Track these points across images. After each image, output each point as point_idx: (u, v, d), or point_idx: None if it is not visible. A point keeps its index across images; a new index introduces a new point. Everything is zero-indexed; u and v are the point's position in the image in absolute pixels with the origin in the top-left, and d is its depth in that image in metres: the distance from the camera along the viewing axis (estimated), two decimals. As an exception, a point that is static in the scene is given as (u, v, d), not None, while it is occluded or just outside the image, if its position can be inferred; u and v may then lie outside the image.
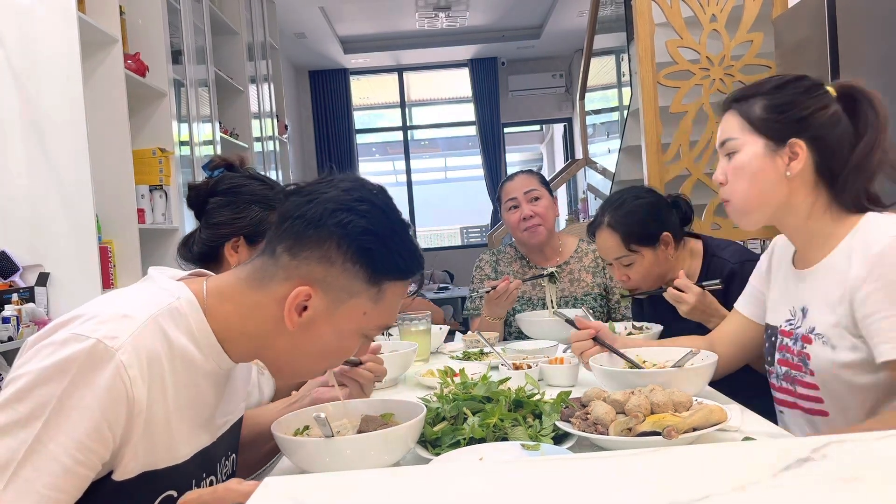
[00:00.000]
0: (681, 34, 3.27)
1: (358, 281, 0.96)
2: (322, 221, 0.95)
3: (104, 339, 0.83)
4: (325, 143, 8.66)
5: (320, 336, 0.98)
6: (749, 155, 1.29)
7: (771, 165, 1.27)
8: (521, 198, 2.36)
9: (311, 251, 0.95)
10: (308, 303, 0.95)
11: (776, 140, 1.27)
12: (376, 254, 0.96)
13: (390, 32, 7.84)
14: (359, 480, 0.92)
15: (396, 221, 0.99)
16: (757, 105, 1.29)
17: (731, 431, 1.18)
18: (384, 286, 0.98)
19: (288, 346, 0.99)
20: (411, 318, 2.02)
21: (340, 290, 0.96)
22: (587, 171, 6.78)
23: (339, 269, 0.95)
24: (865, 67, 2.34)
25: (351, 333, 1.00)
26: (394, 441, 1.09)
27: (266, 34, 5.37)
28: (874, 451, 0.89)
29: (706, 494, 0.76)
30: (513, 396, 1.27)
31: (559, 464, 0.96)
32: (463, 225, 9.68)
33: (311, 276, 0.95)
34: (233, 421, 1.09)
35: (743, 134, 1.30)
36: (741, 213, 1.33)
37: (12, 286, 2.48)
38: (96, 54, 2.84)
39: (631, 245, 1.88)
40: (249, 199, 1.53)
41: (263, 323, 0.97)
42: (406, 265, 0.99)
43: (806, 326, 1.29)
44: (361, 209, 0.96)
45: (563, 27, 7.62)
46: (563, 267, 2.40)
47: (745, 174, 1.29)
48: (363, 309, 0.98)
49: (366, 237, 0.95)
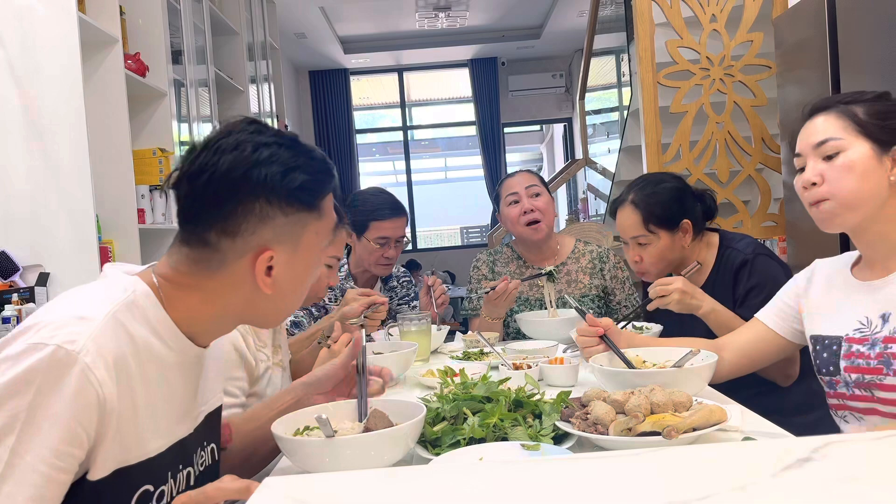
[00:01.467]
0: (681, 34, 3.27)
1: (300, 216, 0.97)
2: (239, 192, 0.92)
3: (63, 344, 0.82)
4: (325, 143, 8.66)
5: (294, 277, 0.99)
6: (858, 154, 1.30)
7: (879, 168, 1.29)
8: (522, 192, 2.36)
9: (246, 223, 0.94)
10: (272, 262, 0.96)
11: (883, 144, 1.29)
12: (303, 185, 0.96)
13: (390, 32, 7.85)
14: (359, 480, 0.92)
15: (290, 142, 0.98)
16: (859, 109, 1.31)
17: (731, 431, 1.18)
18: (320, 203, 1.00)
19: (270, 304, 1.00)
20: (411, 318, 2.02)
21: (292, 233, 0.97)
22: (587, 171, 6.78)
23: (281, 220, 0.95)
24: (865, 67, 2.34)
25: (316, 256, 1.03)
26: (394, 441, 1.09)
27: (266, 34, 5.37)
28: (874, 451, 0.89)
29: (706, 494, 0.76)
30: (513, 396, 1.27)
31: (559, 464, 0.96)
32: (463, 225, 9.69)
33: (262, 240, 0.95)
34: (209, 410, 1.08)
35: (848, 135, 1.31)
36: (842, 211, 1.32)
37: (12, 286, 2.48)
38: (96, 54, 2.85)
39: (650, 225, 1.89)
40: None
41: (237, 300, 0.97)
42: (324, 174, 1.00)
43: (889, 329, 1.29)
44: (264, 157, 0.93)
45: (563, 27, 7.62)
46: (561, 268, 2.40)
47: (855, 173, 1.30)
48: (315, 231, 1.00)
49: (287, 178, 0.94)
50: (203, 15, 3.93)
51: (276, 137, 0.96)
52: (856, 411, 1.35)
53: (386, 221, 2.32)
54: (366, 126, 9.45)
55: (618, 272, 2.39)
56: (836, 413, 1.40)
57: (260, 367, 1.50)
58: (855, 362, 1.32)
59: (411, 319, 2.01)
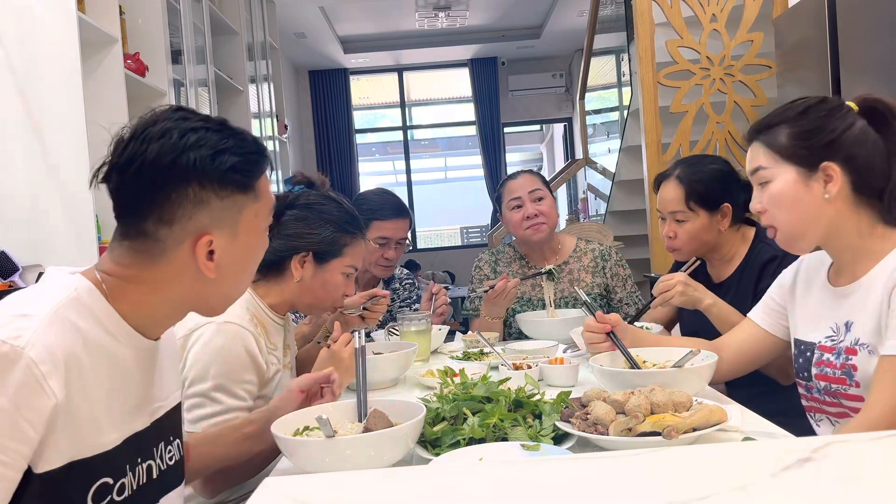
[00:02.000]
0: (681, 34, 3.27)
1: (236, 198, 0.98)
2: (170, 178, 0.93)
3: (7, 340, 0.82)
4: (324, 143, 8.66)
5: (237, 260, 1.00)
6: (783, 184, 1.30)
7: (807, 192, 1.28)
8: (525, 197, 2.34)
9: (182, 209, 0.94)
10: (212, 246, 0.96)
11: (808, 166, 1.27)
12: (234, 167, 0.96)
13: (390, 32, 7.85)
14: (359, 480, 0.92)
15: (218, 126, 0.98)
16: (782, 134, 1.30)
17: (732, 431, 1.18)
18: (255, 184, 1.01)
19: (216, 289, 1.01)
20: (411, 318, 2.02)
21: (230, 216, 0.98)
22: (587, 171, 6.78)
23: (217, 203, 0.96)
24: (865, 67, 2.34)
25: (258, 238, 1.04)
26: (394, 441, 1.09)
27: (266, 34, 5.37)
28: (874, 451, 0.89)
29: (706, 494, 0.76)
30: (513, 396, 1.27)
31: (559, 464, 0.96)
32: (463, 225, 9.69)
33: (200, 225, 0.95)
34: (168, 407, 1.07)
35: (772, 163, 1.31)
36: (790, 240, 1.34)
37: (12, 286, 2.48)
38: (96, 54, 2.84)
39: (690, 202, 1.89)
40: (325, 218, 1.59)
41: (182, 287, 0.97)
42: (256, 155, 1.00)
43: (850, 339, 1.29)
44: (191, 141, 0.94)
45: (563, 27, 7.62)
46: (563, 267, 2.40)
47: (784, 203, 1.30)
48: (254, 213, 1.01)
49: (217, 161, 0.94)
50: (203, 15, 3.93)
51: (204, 122, 0.97)
52: (830, 415, 1.35)
53: (387, 221, 2.30)
54: (365, 126, 9.45)
55: (619, 270, 2.39)
56: (811, 416, 1.41)
57: (271, 370, 1.49)
58: (823, 370, 1.32)
59: (411, 320, 2.01)
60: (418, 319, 2.01)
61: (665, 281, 1.77)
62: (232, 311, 1.41)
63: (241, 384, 1.40)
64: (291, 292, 1.58)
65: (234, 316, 1.41)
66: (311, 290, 1.59)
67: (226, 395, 1.38)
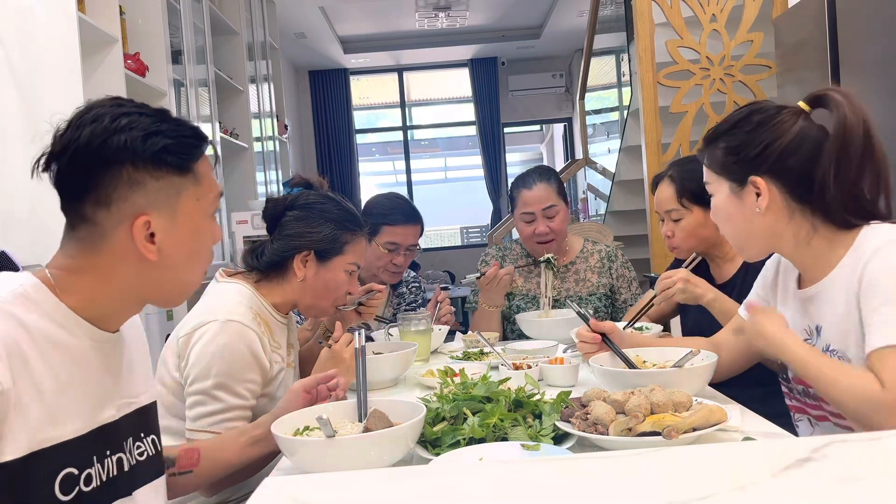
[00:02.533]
0: (681, 34, 3.27)
1: (172, 180, 0.99)
2: (102, 160, 0.95)
3: None
4: (324, 143, 8.66)
5: (181, 244, 1.01)
6: (720, 199, 1.34)
7: (740, 205, 1.30)
8: (539, 214, 2.30)
9: (116, 191, 0.95)
10: (152, 229, 0.97)
11: (738, 181, 1.29)
12: (167, 147, 0.97)
13: (390, 32, 7.85)
14: (359, 480, 0.92)
15: (153, 112, 1.00)
16: (719, 148, 1.32)
17: (732, 431, 1.18)
18: (193, 167, 1.01)
19: (164, 275, 1.01)
20: (411, 318, 2.02)
21: (167, 198, 0.99)
22: (587, 171, 6.78)
23: (152, 184, 0.97)
24: (865, 67, 2.34)
25: (202, 223, 1.04)
26: (394, 441, 1.09)
27: (266, 34, 5.37)
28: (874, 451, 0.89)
29: (706, 494, 0.76)
30: (513, 396, 1.27)
31: (559, 464, 0.96)
32: (463, 225, 9.68)
33: (136, 206, 0.96)
34: (140, 405, 1.09)
35: (712, 178, 1.35)
36: (738, 251, 1.39)
37: (12, 286, 2.47)
38: (96, 54, 2.84)
39: (683, 199, 1.90)
40: (325, 217, 1.60)
41: (129, 273, 0.98)
42: (191, 138, 1.01)
43: (822, 345, 1.28)
44: (122, 124, 0.96)
45: (563, 27, 7.62)
46: (569, 267, 2.40)
47: (721, 217, 1.35)
48: (195, 197, 1.02)
49: (148, 142, 0.96)
50: (203, 15, 3.93)
51: (138, 108, 0.99)
52: (811, 416, 1.35)
53: (398, 227, 2.27)
54: (366, 126, 9.44)
55: (624, 272, 2.40)
56: (793, 415, 1.41)
57: (274, 369, 1.50)
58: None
59: (411, 319, 2.01)
60: (418, 319, 2.01)
61: (667, 278, 1.77)
62: (235, 309, 1.42)
63: (243, 383, 1.40)
64: (294, 292, 1.58)
65: (238, 314, 1.42)
66: (315, 288, 1.59)
67: (227, 394, 1.38)
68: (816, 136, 1.24)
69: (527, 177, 2.37)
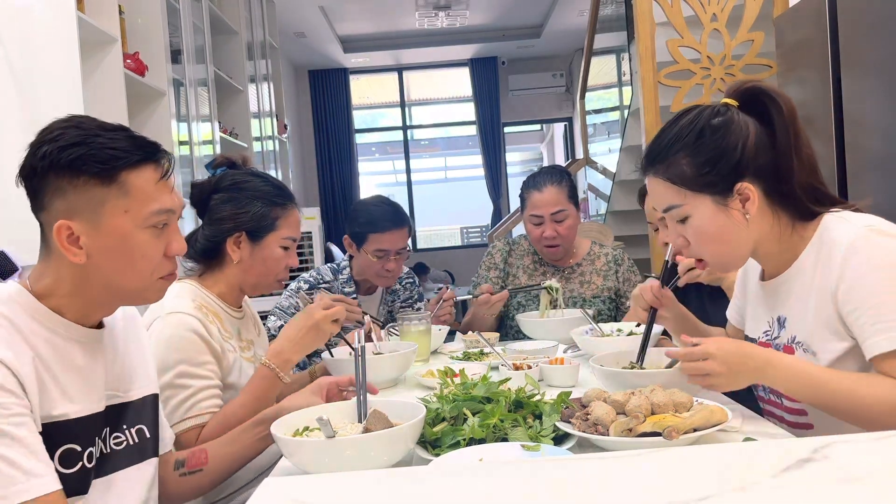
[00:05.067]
0: (681, 33, 3.26)
1: (93, 190, 1.04)
2: (34, 169, 1.03)
3: None
4: (324, 142, 8.66)
5: (109, 251, 1.05)
6: (703, 218, 1.23)
7: (728, 218, 1.22)
8: (548, 217, 2.28)
9: (46, 196, 1.04)
10: (76, 234, 1.03)
11: (722, 192, 1.21)
12: (81, 156, 1.02)
13: (390, 32, 7.84)
14: (359, 480, 0.92)
15: (89, 125, 1.06)
16: (682, 164, 1.22)
17: (732, 432, 1.17)
18: (120, 179, 1.05)
19: (99, 276, 1.06)
20: (411, 318, 2.02)
21: (87, 206, 1.04)
22: (588, 171, 6.78)
23: (70, 192, 1.03)
24: (866, 67, 2.34)
25: (134, 234, 1.07)
26: (394, 441, 1.09)
27: (266, 34, 5.37)
28: (874, 451, 0.89)
29: (707, 495, 0.76)
30: (513, 397, 1.27)
31: (559, 464, 0.96)
32: (463, 225, 9.68)
33: (57, 212, 1.03)
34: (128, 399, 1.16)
35: (683, 198, 1.24)
36: (723, 268, 1.31)
37: (12, 286, 2.48)
38: (96, 54, 2.84)
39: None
40: (252, 195, 1.58)
41: (71, 273, 1.06)
42: (119, 151, 1.05)
43: (787, 336, 1.27)
44: (52, 136, 1.03)
45: (564, 26, 7.61)
46: (575, 268, 2.40)
47: (709, 237, 1.24)
48: (122, 209, 1.05)
49: (65, 152, 1.02)
50: (202, 14, 3.93)
51: (77, 123, 1.05)
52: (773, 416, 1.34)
53: (384, 234, 2.22)
54: (365, 126, 9.44)
55: (630, 275, 2.40)
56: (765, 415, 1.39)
57: (228, 357, 1.52)
58: None
59: (411, 319, 2.01)
60: (418, 319, 2.01)
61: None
62: (175, 302, 1.47)
63: (200, 366, 1.44)
64: (236, 275, 1.59)
65: (178, 305, 1.45)
66: (253, 268, 1.60)
67: (190, 379, 1.42)
68: (762, 129, 1.22)
69: (538, 177, 2.34)
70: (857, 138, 2.38)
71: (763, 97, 1.23)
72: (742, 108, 1.24)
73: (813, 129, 2.62)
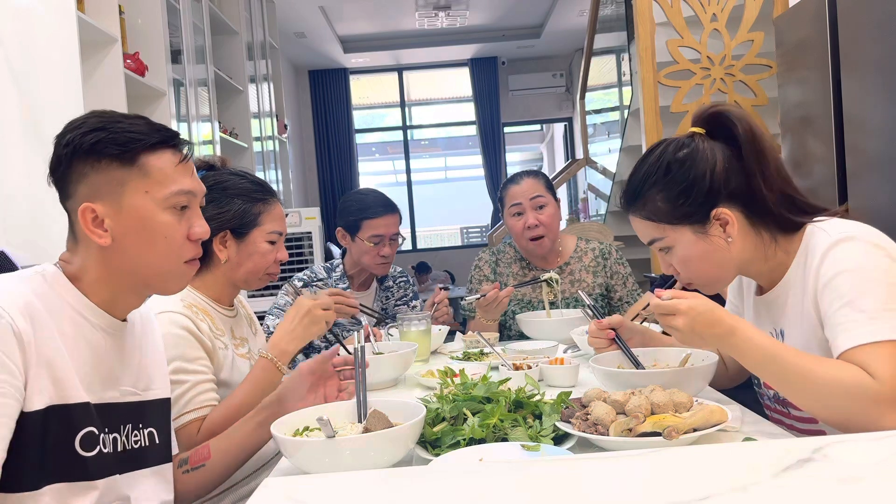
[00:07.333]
0: (681, 33, 3.27)
1: (114, 172, 1.07)
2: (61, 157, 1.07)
3: None
4: (324, 142, 8.66)
5: (132, 232, 1.08)
6: (684, 247, 1.28)
7: (709, 244, 1.26)
8: (527, 204, 2.31)
9: (71, 184, 1.07)
10: (100, 216, 1.06)
11: (699, 221, 1.25)
12: (102, 140, 1.06)
13: (390, 32, 7.85)
14: (359, 480, 0.92)
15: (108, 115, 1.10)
16: (657, 200, 1.28)
17: (732, 432, 1.17)
18: (140, 160, 1.08)
19: (125, 258, 1.08)
20: (411, 318, 2.02)
21: (109, 189, 1.07)
22: (587, 171, 6.78)
23: (94, 175, 1.06)
24: (866, 67, 2.34)
25: (156, 215, 1.09)
26: (394, 441, 1.09)
27: (266, 34, 5.37)
28: (874, 451, 0.89)
29: (707, 495, 0.76)
30: (513, 397, 1.27)
31: (559, 464, 0.96)
32: (463, 225, 9.68)
33: (82, 197, 1.06)
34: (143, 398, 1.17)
35: (664, 231, 1.29)
36: (710, 289, 1.34)
37: (12, 286, 2.48)
38: (96, 54, 2.84)
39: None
40: (232, 193, 1.60)
41: (98, 257, 1.08)
42: (138, 133, 1.08)
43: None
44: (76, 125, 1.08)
45: (564, 26, 7.62)
46: (564, 268, 2.39)
47: (693, 264, 1.28)
48: (143, 189, 1.08)
49: (87, 137, 1.06)
50: (202, 14, 3.93)
51: (99, 113, 1.10)
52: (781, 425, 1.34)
53: (378, 219, 2.29)
54: (365, 126, 9.45)
55: (619, 268, 2.38)
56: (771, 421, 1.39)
57: (219, 353, 1.52)
58: None
59: (411, 320, 2.01)
60: (418, 319, 2.01)
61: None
62: (164, 302, 1.47)
63: (194, 361, 1.45)
64: (224, 274, 1.61)
65: (168, 305, 1.47)
66: (241, 264, 1.61)
67: (186, 374, 1.43)
68: (731, 153, 1.25)
69: (514, 176, 2.43)
70: (857, 138, 2.38)
71: (724, 121, 1.26)
72: (710, 133, 1.28)
73: (813, 129, 2.62)
